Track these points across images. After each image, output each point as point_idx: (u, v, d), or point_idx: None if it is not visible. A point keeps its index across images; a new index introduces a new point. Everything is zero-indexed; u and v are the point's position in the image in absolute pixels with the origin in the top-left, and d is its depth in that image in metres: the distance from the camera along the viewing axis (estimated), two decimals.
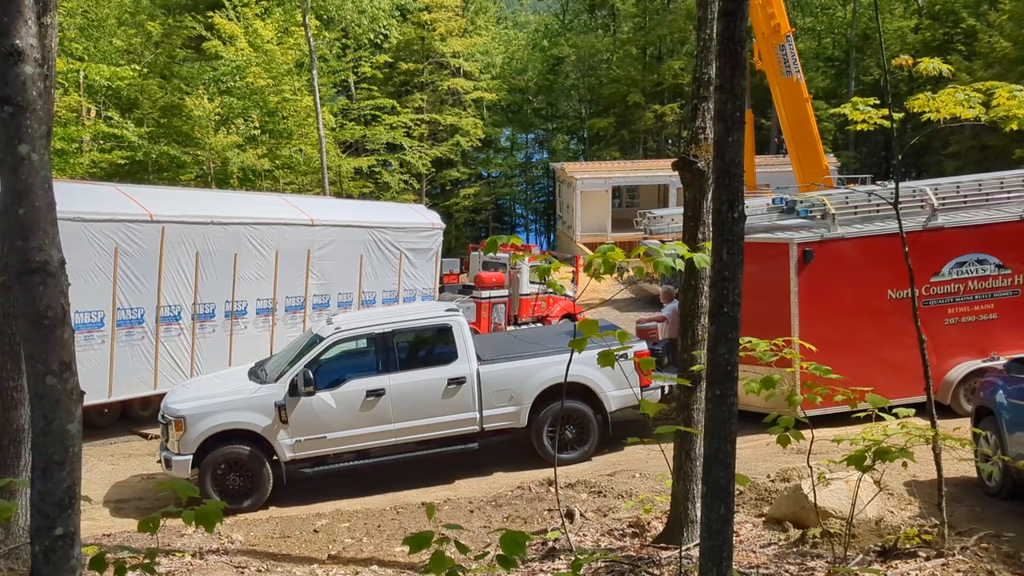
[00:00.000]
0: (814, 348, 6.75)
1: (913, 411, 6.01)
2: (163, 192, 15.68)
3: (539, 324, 18.71)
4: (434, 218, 18.29)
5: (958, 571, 5.83)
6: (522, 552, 3.33)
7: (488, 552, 3.76)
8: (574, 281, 20.15)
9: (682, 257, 5.33)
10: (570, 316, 19.53)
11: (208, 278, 13.23)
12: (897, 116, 6.81)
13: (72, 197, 11.85)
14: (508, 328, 18.20)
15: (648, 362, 5.84)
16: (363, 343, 10.35)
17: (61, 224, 8.85)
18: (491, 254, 18.77)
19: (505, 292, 18.72)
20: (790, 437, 5.37)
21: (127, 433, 12.64)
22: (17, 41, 2.67)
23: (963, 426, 9.30)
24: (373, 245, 16.17)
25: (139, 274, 12.32)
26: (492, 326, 18.27)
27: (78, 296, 11.04)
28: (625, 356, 7.91)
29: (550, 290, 17.99)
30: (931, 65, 6.88)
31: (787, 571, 5.95)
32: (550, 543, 7.13)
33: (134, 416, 12.97)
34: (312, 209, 15.73)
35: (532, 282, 18.79)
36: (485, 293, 18.25)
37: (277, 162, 26.90)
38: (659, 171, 30.69)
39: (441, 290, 19.12)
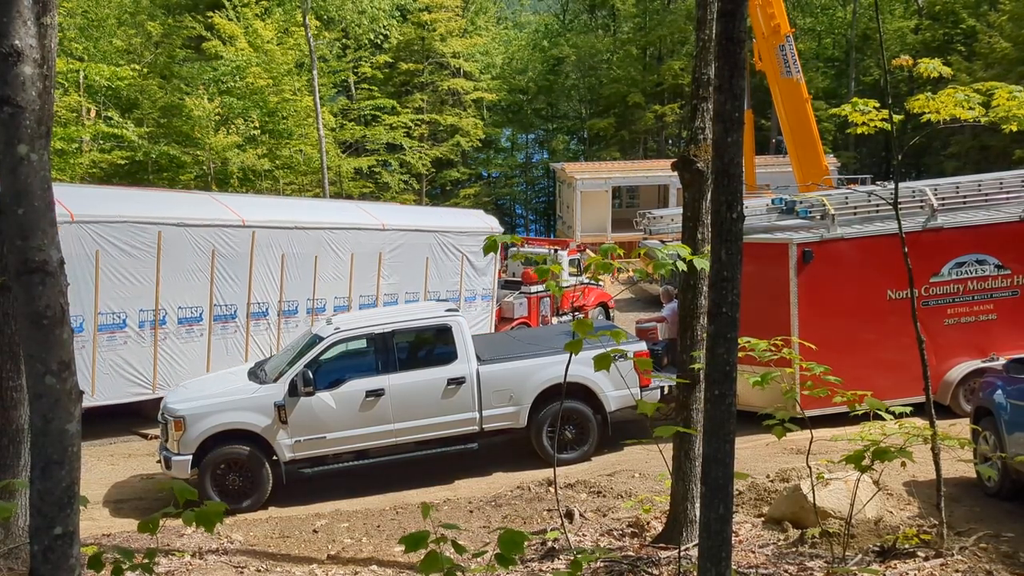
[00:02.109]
0: (814, 347, 6.76)
1: (910, 409, 6.02)
2: (253, 199, 17.11)
3: (578, 313, 19.22)
4: (493, 223, 18.90)
5: (957, 571, 5.83)
6: (521, 551, 3.33)
7: (486, 551, 3.76)
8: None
9: (683, 259, 5.33)
10: (603, 305, 20.33)
11: (292, 278, 14.30)
12: (897, 117, 6.82)
13: (175, 205, 13.29)
14: (553, 320, 18.66)
15: (645, 362, 5.84)
16: (363, 343, 10.35)
17: (166, 229, 10.67)
18: (528, 250, 19.91)
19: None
20: (788, 435, 5.38)
21: (127, 433, 12.65)
22: (16, 41, 2.68)
23: (959, 423, 9.32)
24: (438, 248, 16.89)
25: (233, 274, 13.37)
26: (540, 318, 18.73)
27: (181, 294, 12.74)
28: (624, 356, 7.92)
29: (588, 281, 18.40)
30: (931, 66, 6.89)
31: (786, 571, 5.95)
32: (549, 543, 7.14)
33: None
34: (383, 214, 16.78)
35: (571, 275, 19.25)
36: (534, 288, 18.66)
37: (277, 162, 26.86)
38: (659, 171, 30.64)
39: None
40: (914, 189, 12.09)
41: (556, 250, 20.02)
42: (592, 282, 18.68)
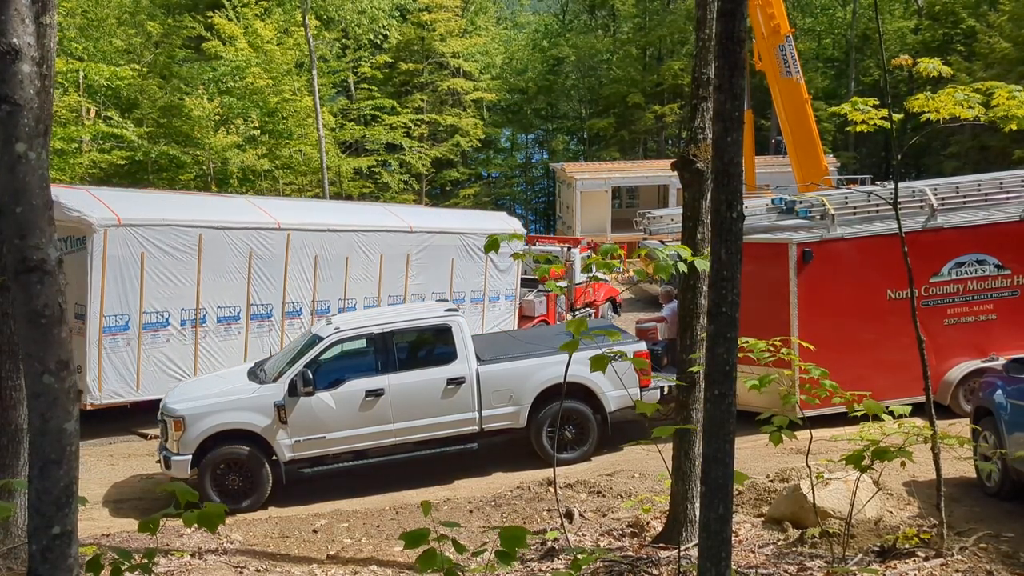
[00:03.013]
0: (812, 347, 6.75)
1: (909, 409, 6.01)
2: (287, 203, 17.81)
3: (588, 308, 19.59)
4: (516, 225, 19.18)
5: (957, 571, 5.83)
6: (523, 546, 3.32)
7: (486, 549, 3.76)
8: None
9: (683, 260, 5.33)
10: (612, 299, 20.87)
11: (324, 279, 14.78)
12: (897, 117, 6.81)
13: (214, 208, 13.94)
14: (568, 315, 18.87)
15: (642, 362, 5.84)
16: (362, 343, 10.34)
17: (207, 232, 11.25)
18: (540, 248, 20.14)
19: (565, 283, 19.29)
20: (784, 437, 5.38)
21: (127, 433, 12.65)
22: (14, 39, 2.67)
23: (958, 423, 9.31)
24: (463, 249, 17.23)
25: (269, 275, 13.94)
26: (557, 315, 18.97)
27: (221, 294, 13.29)
28: (624, 357, 7.91)
29: (597, 277, 18.47)
30: (930, 65, 6.88)
31: (785, 571, 5.95)
32: (549, 543, 7.14)
33: None
34: (410, 217, 17.29)
35: (583, 271, 19.43)
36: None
37: (277, 162, 26.85)
38: (659, 171, 30.64)
39: None
40: (914, 189, 12.08)
41: (569, 248, 20.14)
42: (603, 278, 18.79)
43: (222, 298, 13.26)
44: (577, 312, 19.28)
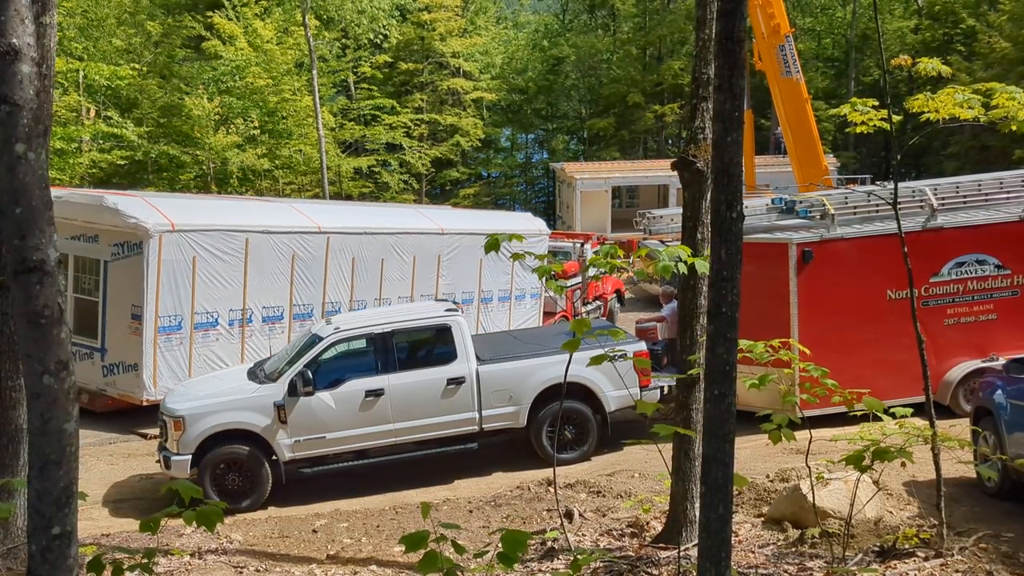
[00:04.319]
0: (808, 351, 6.76)
1: (911, 410, 6.01)
2: (326, 207, 18.45)
3: (598, 301, 19.81)
4: (540, 225, 19.50)
5: (957, 571, 5.83)
6: (523, 550, 3.33)
7: (487, 551, 3.75)
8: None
9: (684, 261, 5.33)
10: (618, 292, 21.30)
11: (361, 280, 15.20)
12: (896, 117, 6.81)
13: (259, 213, 14.58)
14: (583, 310, 19.06)
15: (645, 362, 5.85)
16: (362, 343, 10.34)
17: (253, 236, 11.80)
18: (552, 243, 20.29)
19: (580, 278, 19.43)
20: (784, 437, 5.38)
21: (126, 433, 12.64)
22: (14, 40, 2.67)
23: (959, 423, 9.31)
24: None
25: (310, 276, 14.39)
26: (573, 310, 19.17)
27: (265, 295, 13.78)
28: (624, 356, 7.91)
29: (607, 271, 18.53)
30: (930, 65, 6.88)
31: (785, 571, 5.95)
32: (549, 543, 7.14)
33: None
34: (441, 219, 17.68)
35: (595, 266, 19.53)
36: (569, 282, 18.93)
37: (277, 162, 26.88)
38: (659, 171, 30.64)
39: None
40: (914, 189, 12.07)
41: (582, 243, 20.22)
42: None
43: (267, 299, 13.72)
44: (589, 306, 19.40)
